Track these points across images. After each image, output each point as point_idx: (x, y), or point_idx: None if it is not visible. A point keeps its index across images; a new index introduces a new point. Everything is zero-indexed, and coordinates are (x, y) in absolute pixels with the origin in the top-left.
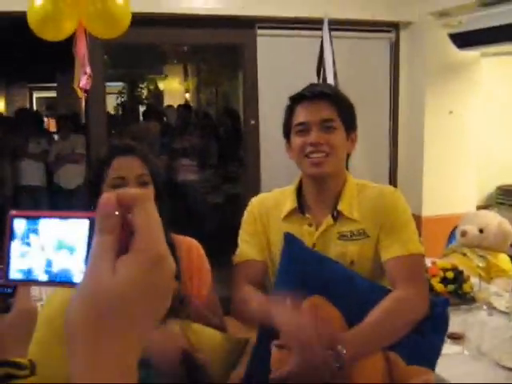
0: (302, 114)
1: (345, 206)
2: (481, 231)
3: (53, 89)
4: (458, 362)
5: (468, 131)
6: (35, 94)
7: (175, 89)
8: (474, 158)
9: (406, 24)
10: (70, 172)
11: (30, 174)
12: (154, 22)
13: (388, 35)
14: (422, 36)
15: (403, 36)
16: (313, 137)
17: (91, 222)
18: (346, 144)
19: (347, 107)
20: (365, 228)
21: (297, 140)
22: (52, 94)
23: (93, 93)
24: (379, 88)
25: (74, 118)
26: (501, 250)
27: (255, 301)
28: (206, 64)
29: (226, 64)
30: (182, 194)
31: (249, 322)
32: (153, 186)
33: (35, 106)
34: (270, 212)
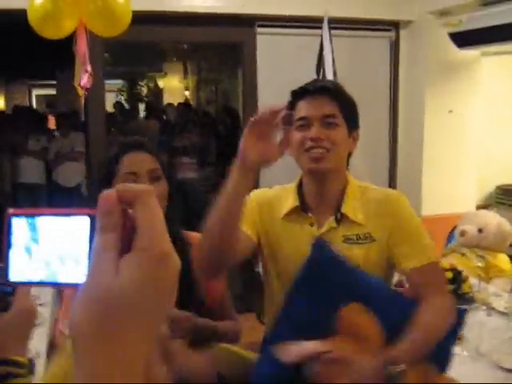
0: (303, 109)
1: (349, 208)
2: (480, 231)
3: (53, 86)
4: (456, 363)
5: (468, 130)
6: (35, 92)
7: (175, 87)
8: (473, 157)
9: (406, 23)
10: (69, 170)
11: (30, 171)
12: (154, 20)
13: (388, 34)
14: (422, 35)
15: (403, 35)
16: (313, 132)
17: (92, 219)
18: (347, 142)
19: (350, 105)
20: (371, 232)
21: (297, 135)
22: (52, 92)
23: (92, 91)
24: (379, 87)
25: (74, 116)
26: (500, 249)
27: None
28: (205, 62)
29: (225, 62)
30: (181, 192)
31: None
32: (165, 182)
33: (35, 104)
34: (271, 206)
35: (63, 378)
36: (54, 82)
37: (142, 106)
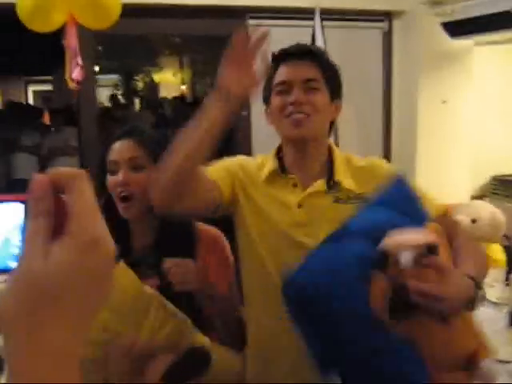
0: (283, 73)
1: (341, 175)
2: (473, 221)
3: (49, 82)
4: None
5: (462, 121)
6: (32, 88)
7: (170, 81)
8: (467, 147)
9: (399, 13)
10: (63, 165)
11: (23, 167)
12: (144, 12)
13: (380, 24)
14: (414, 25)
15: (396, 25)
16: (293, 96)
17: (26, 205)
18: (329, 108)
19: (332, 70)
20: (363, 193)
21: (276, 100)
22: (49, 87)
23: (83, 85)
24: (372, 77)
25: (68, 111)
26: (493, 240)
27: None
28: (200, 55)
29: (220, 55)
30: None
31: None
32: (153, 170)
33: (32, 100)
34: (253, 173)
35: None
36: (51, 78)
37: (138, 101)
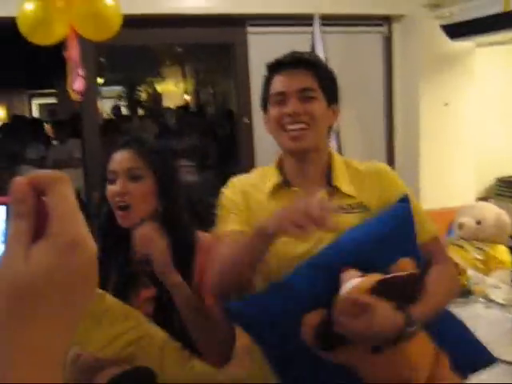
0: (279, 84)
1: (339, 181)
2: (478, 223)
3: (52, 95)
4: None
5: (464, 123)
6: (36, 101)
7: (173, 90)
8: (471, 149)
9: (399, 17)
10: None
11: None
12: (144, 23)
13: (380, 29)
14: (414, 28)
15: (396, 29)
16: (290, 107)
17: (7, 207)
18: (326, 115)
19: (328, 77)
20: (363, 201)
21: (273, 111)
22: (53, 100)
23: (86, 96)
24: (373, 82)
25: (71, 123)
26: (499, 241)
27: None
28: (202, 64)
29: (222, 63)
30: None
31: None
32: (152, 180)
33: (36, 113)
34: (256, 188)
35: None
36: (54, 91)
37: (141, 112)
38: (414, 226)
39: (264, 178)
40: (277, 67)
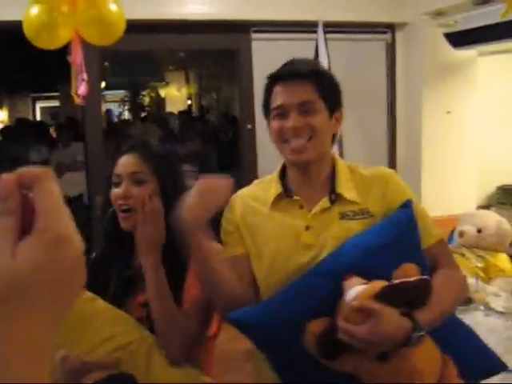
0: (279, 96)
1: (342, 187)
2: (479, 231)
3: (56, 98)
4: None
5: (466, 131)
6: (39, 104)
7: (176, 95)
8: (473, 157)
9: (402, 25)
10: (71, 180)
11: None
12: (149, 28)
13: (384, 36)
14: (417, 36)
15: (399, 37)
16: (291, 122)
17: None
18: (329, 125)
19: (329, 86)
20: (368, 207)
21: (275, 124)
22: (56, 103)
23: (89, 100)
24: (376, 89)
25: (75, 126)
26: (500, 249)
27: None
28: (206, 70)
29: (225, 69)
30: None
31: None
32: (156, 184)
33: (40, 116)
34: (257, 200)
35: None
36: (58, 94)
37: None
38: (417, 231)
39: (266, 189)
40: (277, 78)
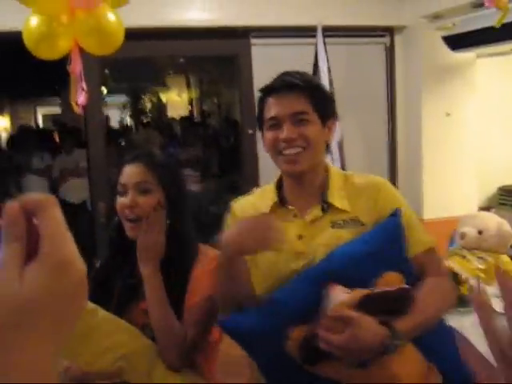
0: (272, 108)
1: (333, 197)
2: (480, 233)
3: (58, 104)
4: None
5: (466, 133)
6: (41, 110)
7: (178, 100)
8: (473, 159)
9: (401, 28)
10: (74, 186)
11: (34, 189)
12: (148, 35)
13: (383, 40)
14: (416, 39)
15: (398, 40)
16: (285, 132)
17: (0, 231)
18: (322, 135)
19: (321, 96)
20: (358, 216)
21: (269, 135)
22: (57, 110)
23: (91, 107)
24: (376, 93)
25: (77, 133)
26: (501, 251)
27: None
28: (207, 74)
29: (226, 74)
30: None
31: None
32: (161, 194)
33: (41, 122)
34: (255, 209)
35: None
36: (59, 100)
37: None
38: (403, 240)
39: (263, 198)
40: (270, 91)
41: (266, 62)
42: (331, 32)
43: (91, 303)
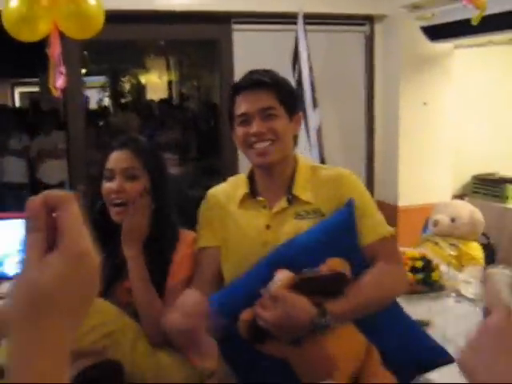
0: (242, 105)
1: (299, 189)
2: (452, 220)
3: (36, 84)
4: None
5: (443, 122)
6: (18, 89)
7: (157, 83)
8: (449, 148)
9: (381, 17)
10: (52, 168)
11: (12, 170)
12: (129, 18)
13: (363, 28)
14: (395, 29)
15: (378, 29)
16: (255, 127)
17: (24, 223)
18: (289, 128)
19: (287, 92)
20: (320, 207)
21: (239, 131)
22: (35, 89)
23: (70, 90)
24: (355, 81)
25: (56, 114)
26: (472, 238)
27: None
28: (187, 58)
29: (207, 57)
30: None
31: None
32: (146, 179)
33: (19, 101)
34: (228, 197)
35: None
36: (38, 80)
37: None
38: (354, 229)
39: (237, 187)
40: (239, 89)
41: (247, 48)
42: (312, 19)
43: None
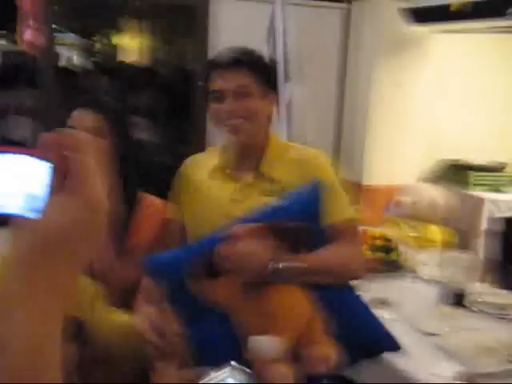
0: (216, 82)
1: (267, 167)
2: (414, 203)
3: (4, 37)
4: None
5: (416, 105)
6: None
7: (129, 44)
8: (419, 132)
9: None
10: (16, 124)
11: None
12: None
13: (340, 5)
14: (373, 8)
15: (355, 6)
16: (228, 104)
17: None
18: (263, 107)
19: (263, 70)
20: (286, 186)
21: (213, 107)
22: (2, 42)
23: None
24: (328, 57)
25: (26, 70)
26: (432, 221)
27: None
28: (162, 22)
29: (182, 23)
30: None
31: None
32: (110, 140)
33: None
34: (200, 168)
35: None
36: (5, 32)
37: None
38: (316, 208)
39: (211, 158)
40: (216, 65)
41: (223, 17)
42: None
43: None
